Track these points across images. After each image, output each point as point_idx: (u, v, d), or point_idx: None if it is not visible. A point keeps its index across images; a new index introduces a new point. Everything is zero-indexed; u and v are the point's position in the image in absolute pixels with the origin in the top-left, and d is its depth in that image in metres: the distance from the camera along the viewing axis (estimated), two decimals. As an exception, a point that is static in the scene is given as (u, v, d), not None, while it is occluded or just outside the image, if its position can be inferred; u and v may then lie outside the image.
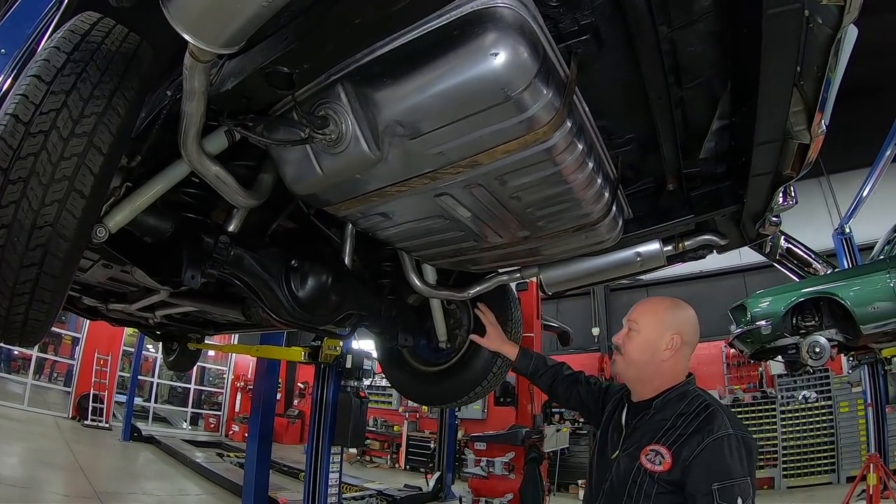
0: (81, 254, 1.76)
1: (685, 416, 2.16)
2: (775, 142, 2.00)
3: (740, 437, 2.04)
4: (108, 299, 4.75)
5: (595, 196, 2.05)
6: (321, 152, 1.89)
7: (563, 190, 1.97)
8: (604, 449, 2.41)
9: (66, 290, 1.77)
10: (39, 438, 12.84)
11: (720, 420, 2.08)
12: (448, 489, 12.63)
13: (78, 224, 1.59)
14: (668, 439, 2.12)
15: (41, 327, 1.79)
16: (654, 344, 2.31)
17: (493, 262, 2.79)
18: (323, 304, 2.84)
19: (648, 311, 2.41)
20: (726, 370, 15.62)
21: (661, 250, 2.77)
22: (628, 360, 2.36)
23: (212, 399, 24.05)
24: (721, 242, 2.79)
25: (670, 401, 2.25)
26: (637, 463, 2.16)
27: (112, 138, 1.60)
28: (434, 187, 1.96)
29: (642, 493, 2.11)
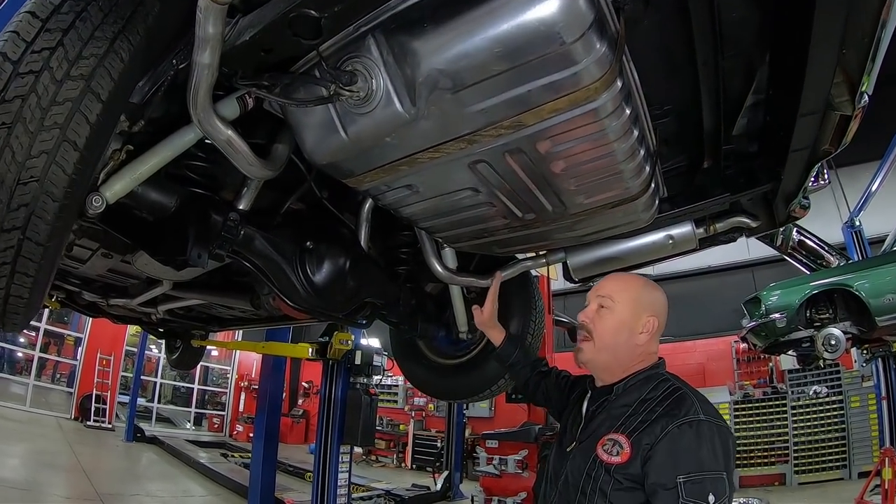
0: (73, 222, 1.57)
1: (650, 400, 1.92)
2: (817, 113, 1.85)
3: (714, 426, 1.80)
4: (109, 294, 4.64)
5: (636, 169, 1.88)
6: (347, 113, 1.70)
7: (606, 159, 1.80)
8: (562, 441, 2.17)
9: (54, 264, 1.57)
10: (41, 439, 12.75)
11: (689, 404, 1.84)
12: (456, 488, 12.55)
13: (69, 182, 1.38)
14: (627, 427, 1.88)
15: (25, 308, 1.59)
16: (629, 325, 2.06)
17: (522, 243, 2.61)
18: (340, 289, 2.66)
19: (624, 287, 2.14)
20: (736, 366, 15.33)
21: (694, 232, 2.61)
22: (600, 344, 2.08)
23: (215, 399, 24.08)
24: (753, 224, 2.62)
25: (634, 385, 2.01)
26: (593, 455, 1.90)
27: (113, 84, 1.40)
28: (470, 153, 1.78)
29: (597, 490, 1.85)
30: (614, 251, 2.73)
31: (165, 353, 8.35)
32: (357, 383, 8.42)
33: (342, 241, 2.67)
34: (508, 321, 3.34)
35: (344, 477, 8.23)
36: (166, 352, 8.09)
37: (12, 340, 17.74)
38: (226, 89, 1.79)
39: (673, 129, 2.28)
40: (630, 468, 1.80)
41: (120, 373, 18.84)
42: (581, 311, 2.18)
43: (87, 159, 1.42)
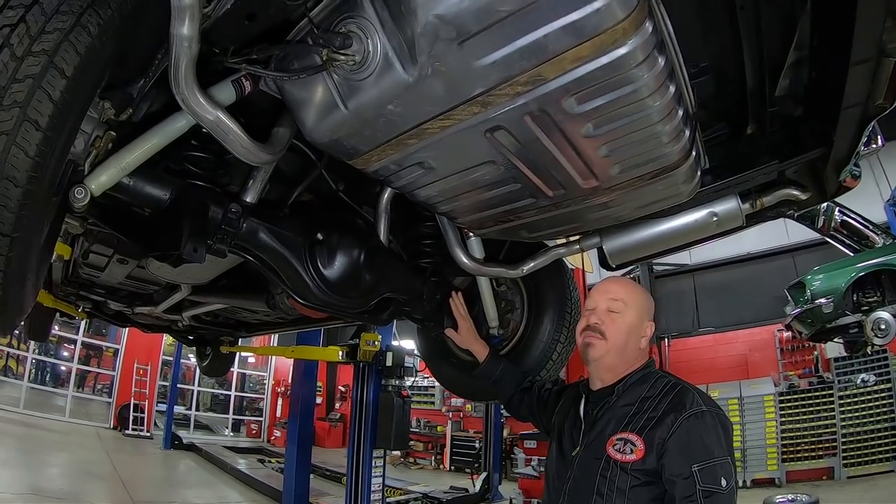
0: (46, 212, 1.41)
1: (651, 398, 2.05)
2: (869, 61, 1.64)
3: (715, 415, 1.95)
4: (134, 302, 4.63)
5: (675, 132, 1.64)
6: (344, 83, 1.54)
7: (640, 120, 1.56)
8: (562, 448, 2.26)
9: (28, 258, 1.41)
10: (80, 449, 12.92)
11: (692, 397, 1.98)
12: (495, 490, 12.35)
13: (33, 165, 1.23)
14: (635, 425, 1.99)
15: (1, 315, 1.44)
16: (636, 328, 2.22)
17: (553, 226, 2.36)
18: (355, 284, 2.47)
19: (633, 292, 2.30)
20: (780, 355, 14.77)
21: (740, 208, 2.35)
22: (611, 345, 2.18)
23: (253, 405, 24.31)
24: (802, 196, 2.35)
25: (633, 384, 2.15)
26: (604, 455, 2.00)
27: (79, 59, 1.25)
28: (485, 118, 1.57)
29: (615, 489, 1.94)
30: (654, 233, 2.49)
31: (196, 360, 8.34)
32: (389, 385, 8.27)
33: (356, 232, 2.49)
34: (543, 315, 3.14)
35: (377, 481, 8.11)
36: (197, 359, 8.12)
37: (56, 354, 18.66)
38: (220, 74, 1.67)
39: (711, 91, 2.06)
40: (646, 464, 1.91)
41: (157, 382, 19.25)
42: (591, 313, 2.26)
43: (53, 140, 1.27)
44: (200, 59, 1.50)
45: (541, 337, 3.11)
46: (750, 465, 13.07)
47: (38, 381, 18.29)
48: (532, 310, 3.19)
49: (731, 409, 13.60)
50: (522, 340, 3.19)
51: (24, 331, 7.92)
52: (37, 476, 9.48)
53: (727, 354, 15.45)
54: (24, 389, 16.24)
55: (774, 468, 12.90)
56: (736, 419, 13.48)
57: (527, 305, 3.26)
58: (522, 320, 3.26)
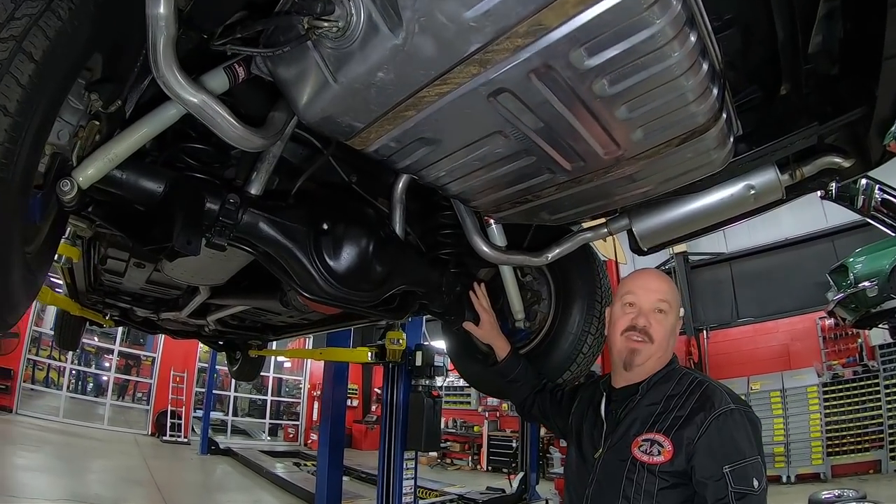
0: (20, 200, 1.33)
1: (677, 396, 1.98)
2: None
3: (744, 412, 1.89)
4: (160, 308, 4.66)
5: (700, 88, 1.45)
6: (331, 55, 1.44)
7: (660, 74, 1.38)
8: (582, 450, 2.18)
9: (6, 249, 1.33)
10: (117, 455, 13.17)
11: (719, 395, 1.91)
12: (533, 490, 12.19)
13: (3, 151, 1.17)
14: (662, 425, 1.92)
15: None
16: (676, 329, 2.17)
17: (576, 206, 2.18)
18: (365, 275, 2.35)
19: (674, 290, 2.21)
20: (822, 344, 14.29)
21: (779, 179, 2.14)
22: (656, 349, 2.09)
23: (290, 409, 24.68)
24: (845, 164, 2.13)
25: (657, 383, 2.06)
26: (629, 457, 1.93)
27: (48, 43, 1.20)
28: (486, 79, 1.42)
29: (642, 492, 1.87)
30: (687, 211, 2.30)
31: (227, 364, 8.40)
32: (419, 385, 8.17)
33: (364, 221, 2.37)
34: (571, 305, 2.98)
35: (409, 483, 8.03)
36: (227, 363, 8.19)
37: (98, 364, 19.72)
38: (215, 63, 1.64)
39: (738, 47, 1.88)
40: (675, 465, 1.84)
41: (194, 388, 19.74)
42: (636, 312, 2.13)
43: (22, 125, 1.20)
44: (192, 49, 1.48)
45: (570, 329, 2.94)
46: (794, 459, 12.79)
47: (79, 391, 19.17)
48: (560, 300, 3.03)
49: (773, 401, 13.35)
50: (551, 333, 3.02)
51: (55, 340, 8.03)
52: (75, 482, 9.65)
53: (768, 345, 15.05)
54: (64, 399, 16.87)
55: (819, 462, 12.58)
56: (779, 412, 13.22)
57: (554, 296, 3.10)
58: (550, 312, 3.09)
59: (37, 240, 1.70)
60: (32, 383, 17.17)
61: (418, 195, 2.69)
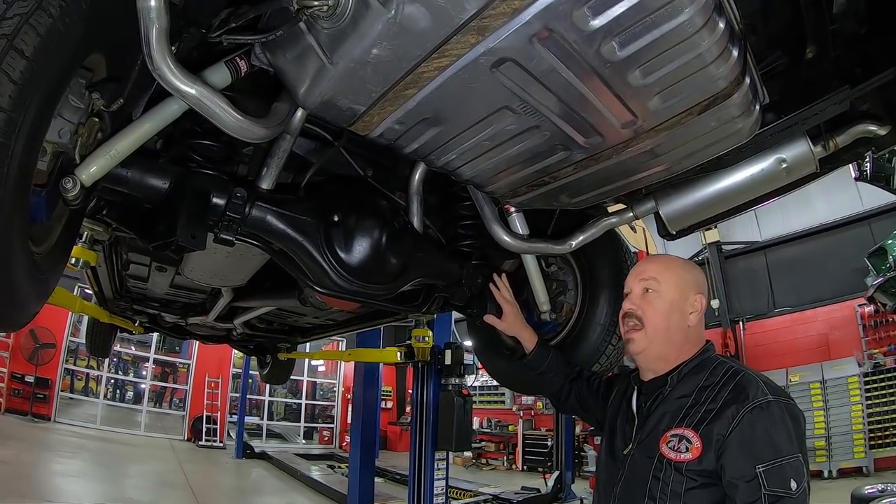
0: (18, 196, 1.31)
1: (710, 387, 1.81)
2: None
3: (784, 405, 1.71)
4: (187, 313, 4.75)
5: (719, 49, 1.36)
6: (326, 37, 1.42)
7: (672, 31, 1.28)
8: (612, 445, 2.05)
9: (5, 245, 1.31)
10: (153, 460, 13.40)
11: (755, 386, 1.74)
12: (568, 489, 12.14)
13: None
14: (692, 419, 1.77)
15: None
16: (679, 306, 1.97)
17: (598, 186, 2.09)
18: (379, 268, 2.29)
19: (666, 266, 2.06)
20: (863, 332, 13.91)
21: (811, 150, 2.03)
22: (652, 331, 1.96)
23: (325, 412, 24.95)
24: (881, 132, 2.01)
25: (689, 372, 1.91)
26: (657, 454, 1.79)
27: (39, 40, 1.20)
28: (486, 49, 1.36)
29: (668, 492, 1.74)
30: (716, 189, 2.20)
31: (257, 368, 8.46)
32: (449, 385, 8.06)
33: (376, 212, 2.31)
34: (598, 295, 2.86)
35: (440, 484, 7.98)
36: (258, 367, 8.26)
37: (136, 373, 20.73)
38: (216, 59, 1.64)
39: (758, 7, 1.78)
40: (704, 464, 1.71)
41: (228, 394, 19.99)
42: (626, 299, 2.07)
43: (15, 120, 1.19)
44: (195, 48, 1.51)
45: (598, 319, 2.83)
46: (835, 453, 12.50)
47: (116, 398, 20.09)
48: (587, 290, 2.92)
49: (813, 393, 13.06)
50: (578, 324, 2.91)
51: (87, 347, 8.18)
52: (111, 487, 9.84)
53: (806, 335, 14.72)
54: (101, 407, 17.33)
55: (862, 456, 12.26)
56: (819, 404, 12.93)
57: (580, 286, 2.99)
58: (577, 302, 2.98)
59: (47, 240, 1.70)
60: (71, 392, 17.68)
61: (436, 187, 2.65)
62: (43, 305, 1.70)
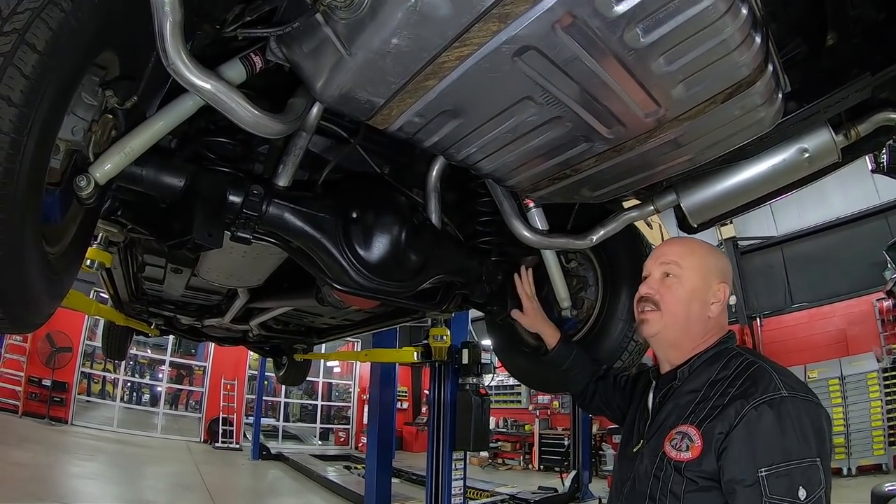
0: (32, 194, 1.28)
1: (721, 381, 1.66)
2: None
3: (800, 401, 1.52)
4: (203, 315, 4.75)
5: (741, 34, 1.32)
6: (343, 28, 1.38)
7: (696, 15, 1.25)
8: (627, 442, 1.93)
9: (19, 243, 1.28)
10: (169, 462, 13.44)
11: (768, 380, 1.57)
12: (585, 488, 12.06)
13: (10, 142, 1.14)
14: (697, 415, 1.63)
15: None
16: (701, 294, 1.83)
17: (620, 179, 2.05)
18: (399, 265, 2.27)
19: (690, 251, 1.90)
20: (881, 327, 13.56)
21: (833, 139, 1.98)
22: (669, 318, 1.83)
23: (341, 413, 24.98)
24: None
25: (702, 365, 1.77)
26: (661, 452, 1.66)
27: (50, 34, 1.18)
28: (508, 36, 1.32)
29: (668, 493, 1.60)
30: (738, 180, 2.14)
31: (273, 369, 8.48)
32: (467, 384, 7.97)
33: (395, 208, 2.29)
34: (620, 290, 2.81)
35: (458, 484, 7.91)
36: (274, 369, 8.28)
37: (152, 376, 20.84)
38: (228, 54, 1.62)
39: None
40: (704, 464, 1.56)
41: (244, 395, 20.04)
42: (643, 283, 1.94)
43: (27, 116, 1.18)
44: (209, 45, 1.51)
45: (619, 315, 2.78)
46: (854, 450, 12.29)
47: (133, 401, 20.06)
48: (608, 286, 2.87)
49: (831, 389, 12.88)
50: (599, 320, 2.87)
51: (103, 350, 8.22)
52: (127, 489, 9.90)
53: (824, 331, 14.50)
54: (118, 409, 17.46)
55: (881, 453, 12.05)
56: (837, 401, 12.74)
57: (601, 281, 2.94)
58: (598, 298, 2.94)
59: (62, 241, 1.68)
60: (88, 395, 17.82)
61: (454, 183, 2.62)
62: (57, 306, 1.69)
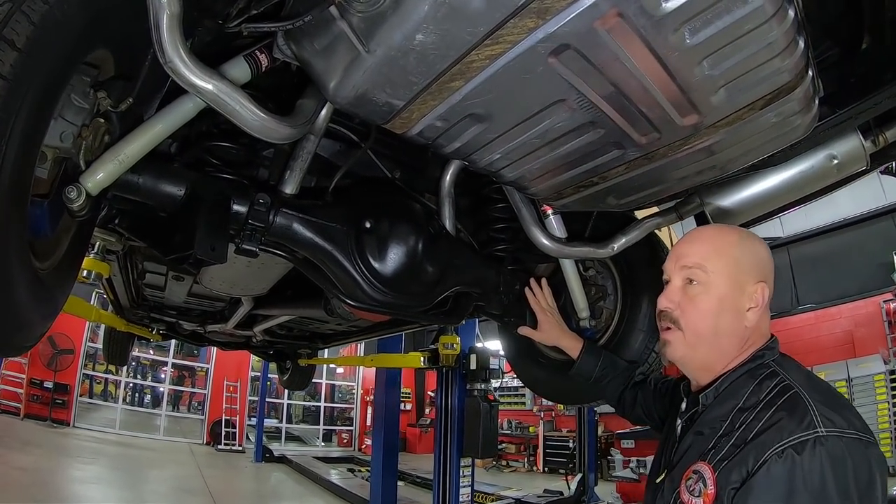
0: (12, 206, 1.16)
1: (750, 409, 1.33)
2: None
3: (844, 442, 1.18)
4: (205, 321, 4.69)
5: (787, 38, 1.23)
6: (361, 22, 1.24)
7: (744, 17, 1.14)
8: (655, 467, 1.64)
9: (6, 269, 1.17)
10: (172, 465, 13.37)
11: (803, 412, 1.23)
12: (591, 491, 11.90)
13: None
14: (717, 453, 1.32)
15: None
16: (733, 304, 1.47)
17: (647, 187, 1.94)
18: (415, 277, 2.13)
19: (715, 248, 1.53)
20: (888, 329, 13.40)
21: (863, 145, 1.88)
22: (693, 338, 1.50)
23: (344, 415, 25.01)
24: None
25: (729, 388, 1.43)
26: (676, 492, 1.38)
27: (32, 28, 1.06)
28: (545, 34, 1.19)
29: None
30: (766, 187, 2.04)
31: (277, 374, 8.42)
32: (475, 390, 7.92)
33: (411, 216, 2.16)
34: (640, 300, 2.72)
35: (466, 491, 7.83)
36: (278, 373, 8.24)
37: (155, 377, 20.83)
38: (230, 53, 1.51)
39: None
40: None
41: (247, 397, 19.98)
42: (662, 292, 1.59)
43: (5, 122, 1.06)
44: (211, 42, 1.41)
45: (640, 325, 2.67)
46: (862, 454, 12.13)
47: (135, 403, 20.13)
48: (627, 295, 2.77)
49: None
50: (619, 330, 2.76)
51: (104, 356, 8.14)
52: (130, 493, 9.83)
53: (831, 332, 14.36)
54: (120, 411, 17.46)
55: (889, 455, 11.87)
56: (845, 404, 12.58)
57: (620, 290, 2.84)
58: (617, 308, 2.83)
59: (53, 254, 1.56)
60: (90, 397, 17.85)
61: (467, 189, 2.50)
62: (50, 326, 1.57)
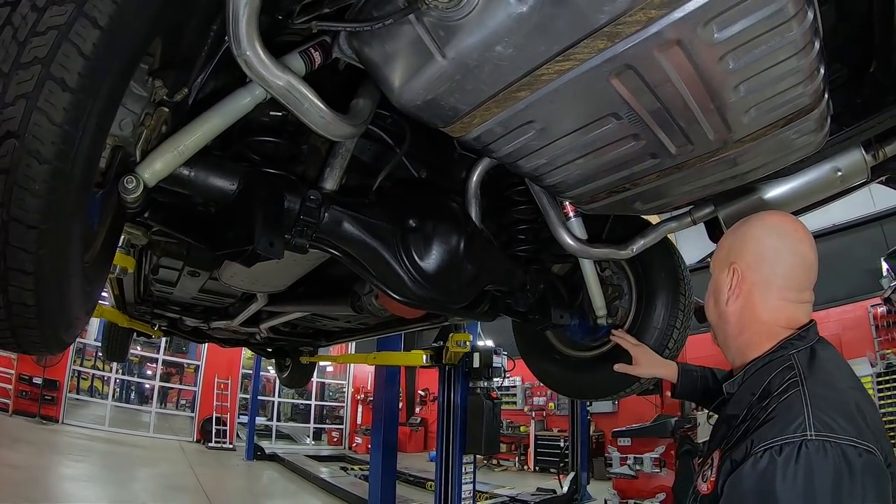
0: (82, 199, 1.16)
1: (760, 401, 1.32)
2: None
3: (831, 447, 1.12)
4: (210, 317, 4.59)
5: (811, 66, 1.34)
6: (438, 27, 1.28)
7: (780, 47, 1.25)
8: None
9: (64, 258, 1.16)
10: (163, 463, 13.23)
11: (797, 412, 1.19)
12: (584, 490, 11.95)
13: (61, 136, 0.99)
14: (728, 441, 1.33)
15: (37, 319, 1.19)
16: (715, 290, 1.58)
17: (672, 194, 2.04)
18: (456, 275, 2.19)
19: (720, 244, 1.65)
20: (875, 333, 13.53)
21: (865, 159, 2.03)
22: (712, 329, 1.63)
23: (333, 413, 24.92)
24: None
25: (752, 378, 1.42)
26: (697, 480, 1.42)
27: (115, 7, 1.01)
28: (612, 55, 1.27)
29: None
30: (775, 195, 2.17)
31: (276, 372, 8.34)
32: (477, 388, 7.94)
33: (453, 216, 2.21)
34: (655, 299, 2.81)
35: (468, 488, 7.84)
36: (277, 371, 8.14)
37: (140, 373, 20.38)
38: (287, 48, 1.50)
39: (832, 22, 1.73)
40: (712, 501, 1.29)
41: (238, 395, 19.84)
42: None
43: (84, 104, 1.02)
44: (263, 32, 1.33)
45: (654, 324, 2.77)
46: (849, 454, 12.24)
47: (123, 399, 19.79)
48: (642, 294, 2.87)
49: (827, 395, 12.82)
50: (634, 329, 2.84)
51: (103, 352, 8.01)
52: (121, 491, 9.73)
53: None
54: (109, 408, 17.13)
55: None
56: (833, 406, 12.69)
57: (636, 290, 2.94)
58: (632, 307, 2.93)
59: (93, 248, 1.56)
60: (78, 393, 17.49)
61: (489, 189, 2.54)
62: (87, 323, 1.56)
